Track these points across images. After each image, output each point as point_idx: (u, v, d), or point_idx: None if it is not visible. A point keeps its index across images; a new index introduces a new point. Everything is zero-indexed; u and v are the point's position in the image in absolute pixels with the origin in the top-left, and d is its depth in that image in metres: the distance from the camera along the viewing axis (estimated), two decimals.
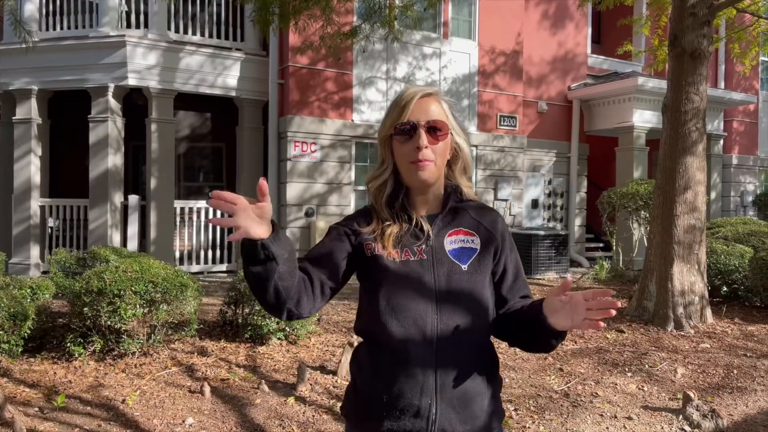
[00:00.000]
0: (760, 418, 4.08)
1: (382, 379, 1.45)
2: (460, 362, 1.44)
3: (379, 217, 1.53)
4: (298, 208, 9.82)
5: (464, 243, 1.50)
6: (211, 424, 3.73)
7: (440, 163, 1.50)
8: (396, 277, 1.45)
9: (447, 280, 1.46)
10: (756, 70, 14.66)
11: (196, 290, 5.02)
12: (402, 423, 1.43)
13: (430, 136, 1.46)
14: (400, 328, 1.43)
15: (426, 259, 1.47)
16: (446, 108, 1.52)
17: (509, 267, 1.56)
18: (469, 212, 1.56)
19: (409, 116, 1.47)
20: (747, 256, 7.55)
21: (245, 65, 9.98)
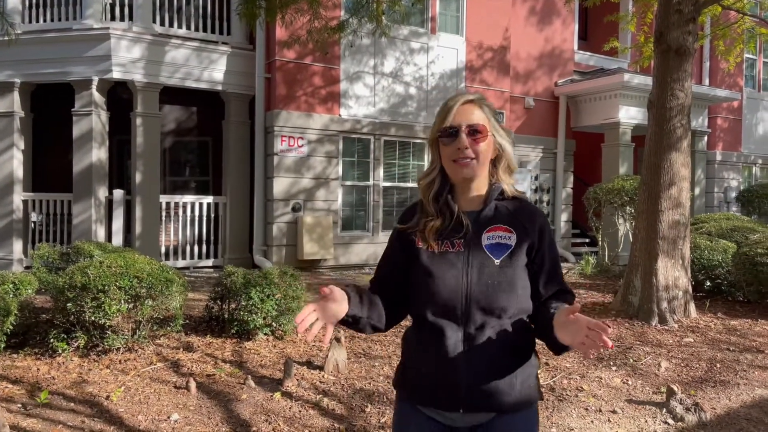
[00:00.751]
0: (742, 411, 4.13)
1: (421, 355, 1.68)
2: (486, 345, 1.61)
3: (426, 211, 1.70)
4: (285, 203, 9.78)
5: (501, 239, 1.64)
6: (196, 419, 3.71)
7: (481, 162, 1.66)
8: (433, 267, 1.64)
9: (479, 272, 1.62)
10: (740, 67, 14.80)
11: (182, 285, 4.99)
12: (436, 394, 1.64)
13: (470, 138, 1.63)
14: (434, 312, 1.64)
15: (463, 252, 1.64)
16: (488, 112, 1.68)
17: (546, 263, 1.68)
18: (509, 209, 1.69)
19: (452, 121, 1.64)
20: (730, 252, 7.64)
21: (232, 59, 9.91)
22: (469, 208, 1.69)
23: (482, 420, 1.65)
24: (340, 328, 5.67)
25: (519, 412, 1.66)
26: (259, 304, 5.03)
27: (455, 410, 1.64)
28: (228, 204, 10.06)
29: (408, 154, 10.89)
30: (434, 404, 1.67)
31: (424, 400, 1.68)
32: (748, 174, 15.60)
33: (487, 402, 1.62)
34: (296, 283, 5.36)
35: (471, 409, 1.63)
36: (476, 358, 1.61)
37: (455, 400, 1.63)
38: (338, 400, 4.07)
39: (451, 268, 1.63)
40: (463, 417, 1.65)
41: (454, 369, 1.62)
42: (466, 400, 1.62)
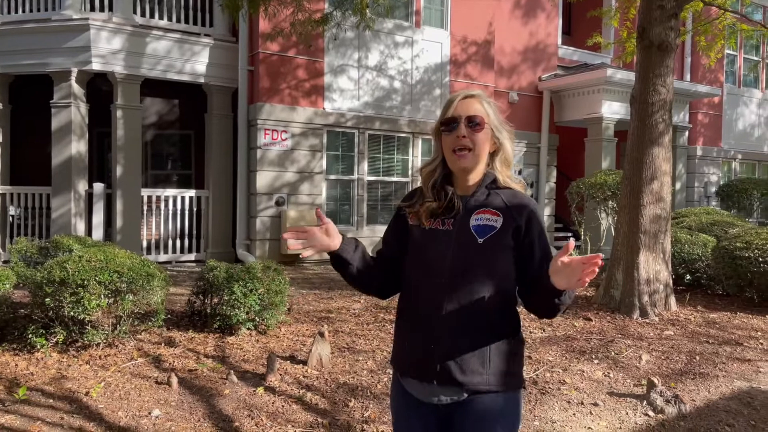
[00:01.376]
0: (721, 403, 4.19)
1: (405, 325, 1.82)
2: (463, 320, 1.70)
3: (423, 195, 1.83)
4: (268, 196, 9.72)
5: (488, 221, 1.74)
6: (178, 415, 3.68)
7: (478, 152, 1.76)
8: (422, 242, 1.78)
9: (462, 250, 1.72)
10: (721, 63, 14.96)
11: (164, 280, 4.94)
12: (414, 364, 1.76)
13: (469, 129, 1.74)
14: (418, 284, 1.77)
15: (451, 230, 1.76)
16: (487, 107, 1.78)
17: (536, 248, 1.75)
18: (501, 196, 1.79)
19: (452, 112, 1.76)
20: (710, 246, 7.73)
21: (214, 51, 9.81)
22: (463, 193, 1.81)
23: (456, 397, 1.72)
24: (324, 323, 5.65)
25: (493, 394, 1.72)
26: (242, 299, 4.99)
27: (429, 381, 1.73)
28: (211, 198, 9.98)
29: (392, 148, 10.88)
30: (412, 374, 1.78)
31: (405, 370, 1.81)
32: (728, 169, 15.79)
33: (459, 376, 1.69)
34: (279, 277, 5.33)
35: (443, 382, 1.71)
36: (452, 330, 1.71)
37: (429, 371, 1.72)
38: (322, 395, 4.05)
39: (437, 244, 1.76)
40: (435, 390, 1.73)
41: (432, 341, 1.72)
42: (439, 373, 1.71)
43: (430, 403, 1.76)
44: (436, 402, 1.75)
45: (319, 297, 7.07)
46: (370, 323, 5.85)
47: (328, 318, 6.03)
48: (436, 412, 1.77)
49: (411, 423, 1.82)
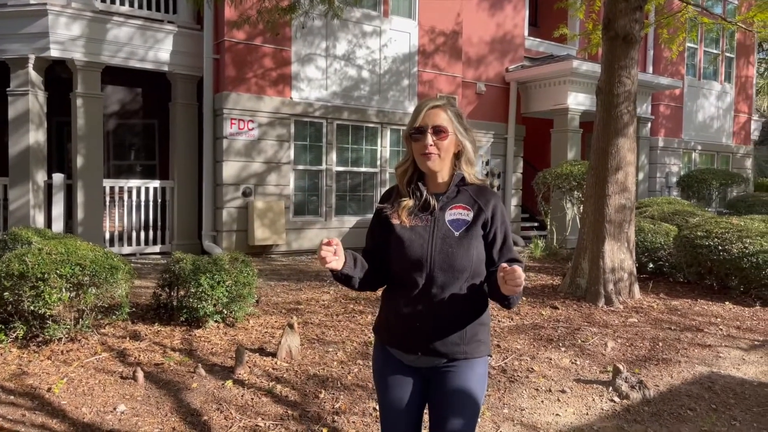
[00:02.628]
0: (683, 388, 4.30)
1: (393, 307, 2.06)
2: (444, 302, 1.98)
3: (400, 194, 2.08)
4: (235, 187, 9.59)
5: (460, 215, 2.01)
6: (144, 410, 3.61)
7: (444, 156, 2.01)
8: (405, 237, 2.01)
9: (442, 242, 1.98)
10: (682, 56, 15.28)
11: (128, 273, 4.82)
12: (400, 338, 2.05)
13: (435, 137, 1.99)
14: (405, 272, 2.01)
15: (429, 226, 2.01)
16: (452, 115, 2.02)
17: (498, 236, 2.03)
18: (469, 192, 2.05)
19: (420, 122, 2.00)
20: (672, 234, 7.92)
21: (178, 39, 9.59)
22: (436, 191, 2.06)
23: (436, 364, 2.03)
24: (293, 314, 5.60)
25: (467, 360, 2.02)
26: (209, 291, 4.91)
27: (414, 353, 2.03)
28: (176, 188, 9.79)
29: (361, 138, 10.83)
30: (398, 346, 2.07)
31: (392, 342, 2.09)
32: (688, 160, 16.18)
33: (441, 349, 2.00)
34: (247, 269, 5.26)
35: (427, 353, 2.01)
36: (435, 311, 1.98)
37: (415, 345, 2.02)
38: (291, 387, 4.02)
39: (419, 238, 2.00)
40: (420, 359, 2.03)
41: (417, 319, 2.00)
42: (423, 345, 2.01)
43: (411, 366, 2.07)
44: (418, 366, 2.06)
45: (287, 288, 7.02)
46: (340, 314, 5.83)
47: (297, 309, 5.99)
48: (418, 373, 2.08)
49: (394, 381, 2.09)
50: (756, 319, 6.11)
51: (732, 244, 6.86)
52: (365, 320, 5.61)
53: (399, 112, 11.09)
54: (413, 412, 2.10)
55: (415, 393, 2.09)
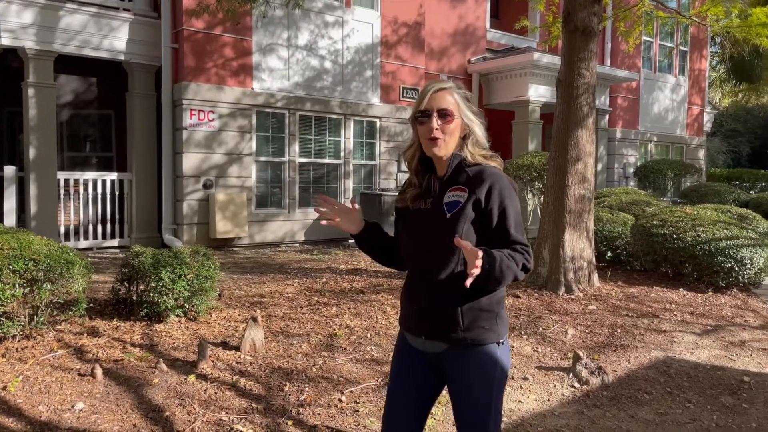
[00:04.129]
0: (640, 372, 4.42)
1: (404, 289, 2.13)
2: (436, 285, 1.97)
3: (411, 180, 2.11)
4: (195, 179, 9.42)
5: (456, 197, 1.96)
6: (103, 407, 3.53)
7: (449, 141, 1.99)
8: (409, 221, 2.07)
9: (435, 224, 1.97)
10: (638, 49, 15.62)
11: (85, 267, 4.70)
12: (409, 322, 2.09)
13: (440, 120, 1.96)
14: (407, 257, 2.09)
15: (429, 209, 2.01)
16: (458, 98, 1.99)
17: (493, 218, 1.93)
18: (468, 173, 1.98)
19: (425, 105, 1.97)
20: (629, 224, 8.11)
21: (135, 27, 9.35)
22: (441, 173, 2.05)
23: (440, 349, 2.01)
24: (257, 307, 5.55)
25: (469, 347, 1.97)
26: (170, 285, 4.82)
27: (419, 336, 2.05)
28: (134, 181, 9.57)
29: (324, 129, 10.76)
30: (408, 330, 2.11)
31: (404, 326, 2.13)
32: (645, 151, 16.60)
33: (439, 333, 1.99)
34: (209, 262, 5.18)
35: (430, 338, 2.02)
36: (429, 294, 1.99)
37: (418, 328, 2.05)
38: (256, 380, 3.99)
39: (418, 222, 2.03)
40: (425, 343, 2.04)
41: (416, 301, 2.04)
42: (425, 329, 2.02)
43: (422, 351, 2.08)
44: (427, 351, 2.06)
45: (251, 281, 6.95)
46: (304, 306, 5.80)
47: (261, 303, 5.94)
48: (426, 358, 2.07)
49: (407, 365, 2.12)
50: (708, 305, 6.32)
51: (686, 233, 7.07)
52: (330, 312, 5.60)
53: (362, 103, 11.05)
54: (417, 399, 2.10)
55: (422, 379, 2.09)
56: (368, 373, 4.19)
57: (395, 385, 2.14)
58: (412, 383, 2.10)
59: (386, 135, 11.45)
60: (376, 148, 11.40)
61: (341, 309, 5.71)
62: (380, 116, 11.30)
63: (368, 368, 4.28)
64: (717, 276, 6.90)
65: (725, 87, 25.29)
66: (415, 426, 2.11)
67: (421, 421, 2.12)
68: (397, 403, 2.11)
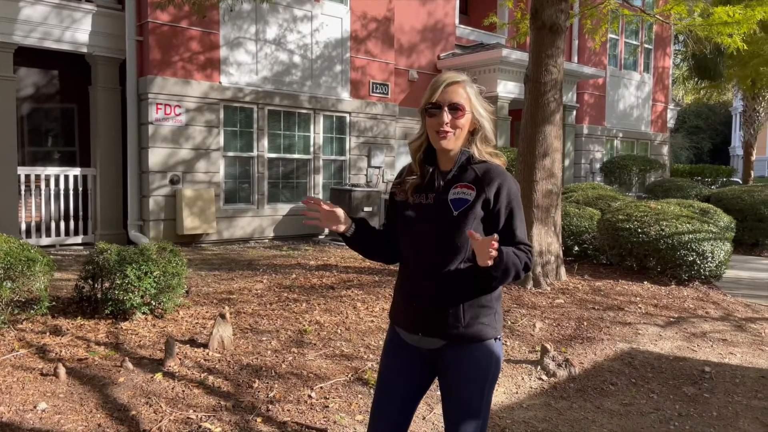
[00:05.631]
0: (606, 364, 4.51)
1: (398, 286, 2.09)
2: (441, 281, 1.95)
3: (412, 171, 2.06)
4: (162, 175, 9.26)
5: (463, 195, 1.94)
6: (67, 407, 3.45)
7: (458, 135, 1.96)
8: (409, 215, 2.02)
9: (440, 220, 1.94)
10: (605, 47, 15.89)
11: (47, 265, 4.58)
12: (404, 318, 2.05)
13: (451, 115, 1.93)
14: (406, 251, 2.04)
15: (432, 204, 1.98)
16: (470, 92, 1.96)
17: (501, 218, 1.94)
18: (475, 171, 1.97)
19: (437, 98, 1.93)
20: (595, 218, 8.25)
21: (98, 19, 9.13)
22: (445, 168, 2.02)
23: (438, 345, 1.99)
24: (225, 304, 5.49)
25: (469, 344, 1.97)
26: (136, 282, 4.74)
27: (416, 333, 2.02)
28: (98, 176, 9.36)
29: (293, 124, 10.68)
30: (402, 325, 2.07)
31: (398, 322, 2.09)
32: (611, 147, 16.89)
33: (438, 329, 1.97)
34: (176, 259, 5.10)
35: (427, 334, 1.99)
36: (431, 290, 1.96)
37: (415, 324, 2.01)
38: (224, 378, 3.95)
39: (420, 216, 1.99)
40: (421, 339, 2.01)
41: (415, 297, 2.00)
42: (423, 325, 1.99)
43: (415, 347, 2.05)
44: (422, 347, 2.03)
45: (219, 278, 6.86)
46: (274, 303, 5.76)
47: (230, 299, 5.87)
48: (422, 355, 2.05)
49: (399, 360, 2.10)
50: (671, 297, 6.47)
51: (650, 227, 7.22)
52: (299, 308, 5.57)
53: (332, 98, 11.00)
54: (406, 394, 2.09)
55: (413, 374, 2.08)
56: (338, 368, 4.18)
57: (385, 380, 2.12)
58: (404, 379, 2.08)
59: (356, 130, 11.42)
60: (346, 143, 11.37)
61: (311, 305, 5.69)
62: (350, 111, 11.27)
63: (338, 364, 4.27)
64: (680, 269, 7.07)
65: (688, 84, 25.87)
66: (402, 420, 2.11)
67: (408, 416, 2.13)
68: (386, 398, 2.10)
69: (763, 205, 10.27)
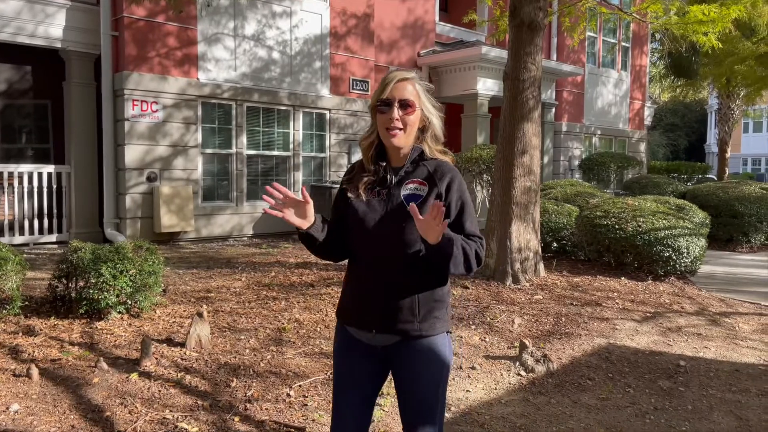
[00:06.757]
0: (584, 359, 4.54)
1: (350, 283, 2.07)
2: (396, 278, 1.96)
3: (363, 168, 2.06)
4: (138, 172, 9.14)
5: (416, 190, 1.98)
6: (40, 408, 3.39)
7: (409, 132, 1.98)
8: (361, 212, 1.99)
9: (394, 217, 1.95)
10: (583, 45, 16.00)
11: (19, 264, 4.50)
12: (356, 316, 2.04)
13: (401, 111, 1.95)
14: (360, 248, 2.02)
15: (384, 200, 1.99)
16: (419, 89, 1.99)
17: (452, 211, 1.97)
18: (427, 167, 2.01)
19: (388, 94, 1.95)
20: (574, 215, 8.32)
21: (72, 14, 8.97)
22: (397, 165, 2.04)
23: (392, 342, 2.00)
24: (203, 303, 5.44)
25: (423, 339, 1.98)
26: (112, 281, 4.66)
27: (369, 330, 2.00)
28: (73, 174, 9.21)
29: (273, 121, 10.61)
30: (354, 324, 2.05)
31: (349, 321, 2.08)
32: (589, 144, 17.05)
33: (393, 326, 1.97)
34: (153, 257, 5.03)
35: (381, 331, 1.98)
36: (386, 287, 1.97)
37: (370, 322, 1.99)
38: (202, 377, 3.90)
39: (373, 213, 1.98)
40: (376, 337, 2.00)
41: (369, 294, 1.99)
42: (377, 322, 1.98)
43: (369, 345, 2.05)
44: (375, 344, 2.03)
45: (197, 276, 6.79)
46: (252, 301, 5.72)
47: (208, 298, 5.82)
48: (375, 352, 2.05)
49: (353, 359, 2.08)
50: (648, 293, 6.55)
51: (627, 223, 7.30)
52: (278, 306, 5.54)
53: (312, 95, 10.95)
54: (365, 392, 2.09)
55: (369, 372, 2.08)
56: (317, 366, 4.16)
57: (342, 381, 2.12)
58: (360, 378, 2.09)
59: (336, 127, 11.38)
60: (326, 140, 11.32)
61: (290, 303, 5.65)
62: (330, 108, 11.22)
63: (317, 362, 4.24)
64: (656, 264, 7.15)
65: (665, 82, 26.21)
66: (364, 417, 2.12)
67: (369, 412, 2.14)
68: (345, 398, 2.11)
69: (737, 202, 10.45)
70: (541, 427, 3.47)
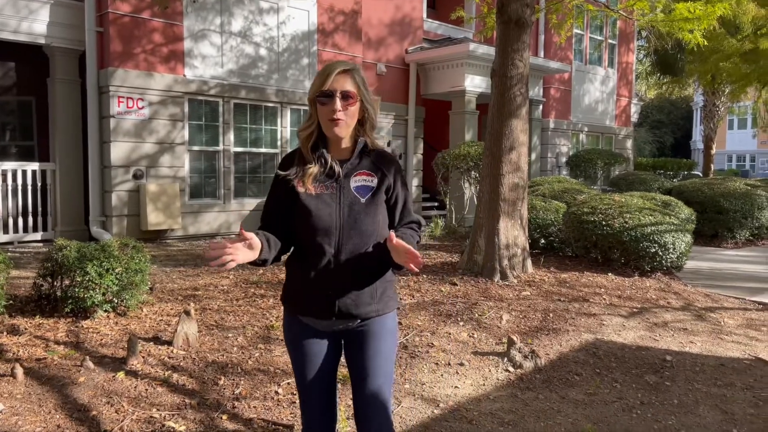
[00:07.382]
0: (571, 355, 4.57)
1: (303, 276, 2.06)
2: (354, 266, 2.02)
3: (304, 159, 2.05)
4: (125, 169, 9.06)
5: (365, 182, 2.05)
6: (25, 408, 3.35)
7: (350, 122, 2.02)
8: (312, 206, 2.01)
9: (349, 209, 2.02)
10: (570, 42, 16.07)
11: (3, 262, 4.44)
12: (313, 306, 2.06)
13: (343, 102, 1.97)
14: (314, 241, 2.02)
15: (335, 193, 2.03)
16: (359, 81, 2.02)
17: (399, 200, 2.11)
18: (372, 159, 2.08)
19: (329, 86, 1.97)
20: (561, 211, 8.36)
21: (56, 9, 8.86)
22: (339, 157, 2.07)
23: (350, 325, 2.09)
24: (190, 301, 5.40)
25: (379, 317, 2.10)
26: (98, 279, 4.62)
27: (328, 318, 2.06)
28: (58, 171, 9.11)
29: (260, 118, 10.55)
30: (311, 314, 2.08)
31: (304, 311, 2.10)
32: (576, 141, 17.13)
33: (354, 311, 2.05)
34: (139, 255, 4.99)
35: (341, 317, 2.05)
36: (346, 277, 2.03)
37: (328, 311, 2.04)
38: (189, 375, 3.88)
39: (326, 206, 2.01)
40: (335, 323, 2.08)
41: (329, 286, 2.03)
42: (337, 309, 2.04)
43: (325, 331, 2.12)
44: (331, 330, 2.11)
45: (184, 274, 6.75)
46: (240, 299, 5.69)
47: (195, 296, 5.78)
48: (330, 337, 2.13)
49: (311, 348, 2.12)
50: (635, 289, 6.60)
51: (614, 220, 7.34)
52: (266, 304, 5.52)
53: (299, 92, 10.90)
54: (329, 376, 2.16)
55: (329, 357, 2.14)
56: None
57: (305, 371, 2.14)
58: (321, 365, 2.13)
59: None
60: None
61: (278, 300, 5.63)
62: None
63: None
64: (642, 260, 7.21)
65: (651, 79, 26.39)
66: (331, 402, 2.20)
67: (334, 395, 2.21)
68: (310, 387, 2.15)
69: (722, 198, 10.55)
70: (529, 423, 3.49)
